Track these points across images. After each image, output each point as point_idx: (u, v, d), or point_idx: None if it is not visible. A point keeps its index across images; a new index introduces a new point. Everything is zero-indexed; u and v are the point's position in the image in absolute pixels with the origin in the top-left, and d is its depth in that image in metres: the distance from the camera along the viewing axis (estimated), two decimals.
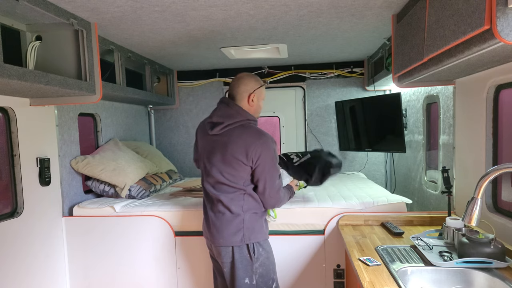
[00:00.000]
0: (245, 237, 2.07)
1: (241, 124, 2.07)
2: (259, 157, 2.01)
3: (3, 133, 2.30)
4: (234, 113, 2.08)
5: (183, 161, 4.47)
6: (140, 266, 2.70)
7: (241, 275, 2.07)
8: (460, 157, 2.37)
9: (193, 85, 4.38)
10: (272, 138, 2.09)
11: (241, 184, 2.07)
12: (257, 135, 2.04)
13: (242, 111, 2.10)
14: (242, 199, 2.08)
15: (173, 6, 2.08)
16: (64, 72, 2.26)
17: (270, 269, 2.14)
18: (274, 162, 2.08)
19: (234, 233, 2.07)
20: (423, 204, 3.05)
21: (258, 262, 2.09)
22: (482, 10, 1.25)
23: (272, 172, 2.07)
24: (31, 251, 2.43)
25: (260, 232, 2.13)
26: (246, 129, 2.06)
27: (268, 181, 2.07)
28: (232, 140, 2.04)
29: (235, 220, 2.07)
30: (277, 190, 2.11)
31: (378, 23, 2.54)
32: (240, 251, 2.08)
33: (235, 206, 2.07)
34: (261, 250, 2.10)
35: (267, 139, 2.05)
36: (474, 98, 2.14)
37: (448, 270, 1.67)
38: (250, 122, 2.11)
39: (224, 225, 2.09)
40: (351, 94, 4.20)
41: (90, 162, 2.85)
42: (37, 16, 2.06)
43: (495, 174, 1.45)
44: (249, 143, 2.01)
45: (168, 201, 2.88)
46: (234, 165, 2.04)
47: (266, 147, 2.03)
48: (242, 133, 2.04)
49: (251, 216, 2.10)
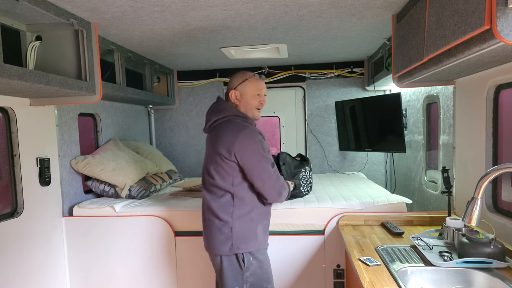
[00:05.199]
0: (233, 247, 1.97)
1: (228, 119, 2.01)
2: (242, 152, 1.91)
3: (3, 133, 2.30)
4: (221, 109, 2.05)
5: (183, 161, 4.48)
6: (140, 266, 2.70)
7: (230, 284, 2.00)
8: (460, 157, 2.37)
9: (193, 85, 4.38)
10: (255, 130, 2.00)
11: (229, 184, 1.97)
12: (238, 129, 1.95)
13: (229, 106, 2.05)
14: (231, 205, 1.98)
15: (173, 6, 2.08)
16: (64, 72, 2.26)
17: (263, 278, 2.03)
18: (260, 152, 1.95)
19: (223, 242, 1.99)
20: (423, 204, 3.05)
21: (249, 272, 1.99)
22: (482, 10, 1.25)
23: (262, 164, 1.96)
24: (31, 251, 2.43)
25: (253, 241, 2.01)
26: (230, 124, 1.99)
27: (263, 173, 1.95)
28: (218, 136, 1.98)
29: (223, 228, 1.99)
30: (275, 178, 2.00)
31: (378, 23, 2.54)
32: (229, 260, 2.00)
33: (224, 213, 1.98)
34: (251, 260, 2.00)
35: (248, 132, 1.95)
36: (474, 98, 2.14)
37: (448, 270, 1.68)
38: (237, 118, 2.02)
39: (213, 232, 2.02)
40: (351, 94, 4.20)
41: (90, 162, 2.86)
42: (37, 16, 2.07)
43: (495, 174, 1.45)
44: (230, 137, 1.93)
45: (168, 201, 2.88)
46: (218, 161, 1.96)
47: (248, 140, 1.94)
48: (226, 128, 1.98)
49: (243, 224, 2.00)
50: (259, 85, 2.08)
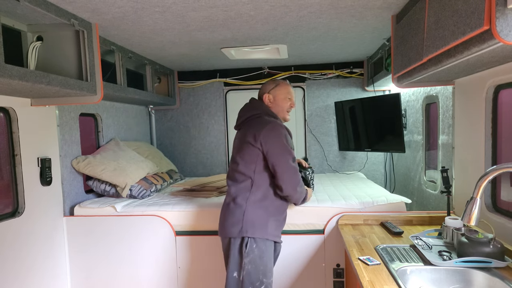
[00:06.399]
0: (242, 230, 2.07)
1: (258, 116, 2.21)
2: (267, 139, 2.09)
3: (4, 133, 2.31)
4: (256, 107, 2.26)
5: (184, 161, 4.49)
6: (141, 266, 2.71)
7: (231, 268, 2.10)
8: (459, 157, 2.37)
9: (194, 85, 4.39)
10: (282, 125, 2.19)
11: (251, 171, 2.12)
12: (266, 122, 2.15)
13: (261, 106, 2.25)
14: (248, 190, 2.12)
15: (174, 6, 2.08)
16: (65, 72, 2.26)
17: (260, 270, 2.08)
18: (283, 143, 2.12)
19: (233, 224, 2.09)
20: (422, 204, 3.06)
21: (248, 258, 2.06)
22: (481, 11, 1.26)
23: (284, 154, 2.11)
24: (32, 251, 2.44)
25: (261, 230, 2.10)
26: (261, 119, 2.18)
27: (283, 162, 2.10)
28: (248, 129, 2.18)
29: (236, 211, 2.10)
30: (293, 172, 2.14)
31: (378, 23, 2.54)
32: (235, 243, 2.09)
33: (240, 197, 2.12)
34: (254, 247, 2.07)
35: (275, 124, 2.14)
36: (473, 98, 2.15)
37: (447, 269, 1.68)
38: (268, 116, 2.21)
39: (226, 215, 2.15)
40: (351, 94, 4.21)
41: (91, 162, 2.86)
42: (38, 17, 2.07)
43: (494, 174, 1.45)
44: (258, 128, 2.13)
45: (169, 200, 2.88)
46: (244, 148, 2.15)
47: (273, 130, 2.12)
48: (257, 122, 2.18)
49: (256, 210, 2.10)
50: (289, 89, 2.31)
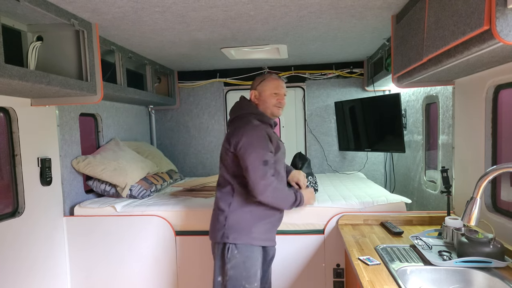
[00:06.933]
0: (224, 236, 2.05)
1: (242, 116, 2.14)
2: (238, 141, 1.99)
3: (4, 133, 2.31)
4: (240, 107, 2.20)
5: (184, 161, 4.49)
6: (141, 266, 2.71)
7: (216, 271, 2.10)
8: (459, 157, 2.37)
9: (194, 85, 4.39)
10: (261, 127, 2.05)
11: (229, 176, 2.08)
12: (245, 123, 2.07)
13: (249, 105, 2.18)
14: (230, 196, 2.09)
15: (174, 6, 2.08)
16: (65, 72, 2.26)
17: (242, 275, 2.00)
18: (254, 146, 1.97)
19: (217, 230, 2.09)
20: (422, 204, 3.06)
21: (230, 264, 2.02)
22: (481, 11, 1.26)
23: (253, 157, 1.96)
24: (32, 251, 2.44)
25: (244, 235, 2.03)
26: (240, 121, 2.12)
27: (249, 165, 1.96)
28: (228, 133, 2.14)
29: (220, 217, 2.10)
30: (261, 176, 1.95)
31: (378, 23, 2.54)
32: (218, 248, 2.09)
33: (223, 202, 2.10)
34: (235, 253, 2.01)
35: (252, 126, 2.04)
36: (473, 98, 2.15)
37: (447, 269, 1.68)
38: (252, 115, 2.13)
39: (212, 220, 2.16)
40: (351, 94, 4.21)
41: (91, 162, 2.86)
42: (38, 17, 2.07)
43: (494, 174, 1.45)
44: (235, 130, 2.07)
45: (168, 200, 2.88)
46: (223, 152, 2.12)
47: (248, 132, 2.01)
48: (236, 126, 2.11)
49: (238, 216, 2.05)
50: (276, 84, 2.15)
